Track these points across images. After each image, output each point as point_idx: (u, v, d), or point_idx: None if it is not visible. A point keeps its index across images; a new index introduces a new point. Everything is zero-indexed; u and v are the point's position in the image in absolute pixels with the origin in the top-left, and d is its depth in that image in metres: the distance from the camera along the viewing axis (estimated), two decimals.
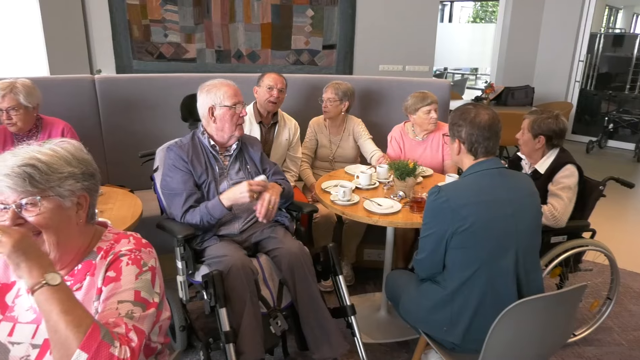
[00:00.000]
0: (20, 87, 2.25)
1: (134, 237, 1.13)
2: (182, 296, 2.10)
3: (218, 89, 2.06)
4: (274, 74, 2.75)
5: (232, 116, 2.06)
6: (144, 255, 1.08)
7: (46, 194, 0.99)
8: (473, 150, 1.69)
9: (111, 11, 4.69)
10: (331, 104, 2.88)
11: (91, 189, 1.08)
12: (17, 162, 0.97)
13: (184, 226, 1.99)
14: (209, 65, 5.07)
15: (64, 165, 1.02)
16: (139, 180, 2.76)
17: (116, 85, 2.95)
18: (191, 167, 2.05)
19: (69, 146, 1.07)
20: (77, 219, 1.05)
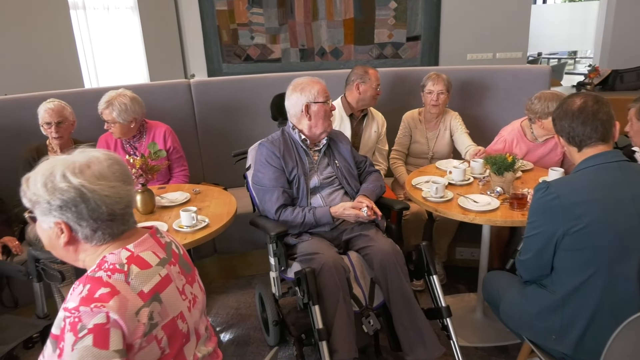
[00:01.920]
0: (117, 105, 2.43)
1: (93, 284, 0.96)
2: (275, 292, 2.15)
3: (312, 86, 2.11)
4: (375, 71, 2.76)
5: (325, 112, 2.11)
6: (83, 317, 0.91)
7: (31, 209, 1.03)
8: (573, 141, 1.55)
9: (202, 18, 4.95)
10: (443, 96, 2.75)
11: (73, 218, 0.99)
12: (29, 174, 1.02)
13: (277, 224, 2.03)
14: (293, 65, 5.16)
15: (40, 191, 0.98)
16: (232, 179, 2.87)
17: (209, 88, 3.09)
18: (283, 162, 2.10)
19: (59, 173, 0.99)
20: (58, 240, 1.02)
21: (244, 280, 2.92)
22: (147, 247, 1.07)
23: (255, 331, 2.46)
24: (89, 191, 0.99)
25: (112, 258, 1.01)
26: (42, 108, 2.45)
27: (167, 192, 2.31)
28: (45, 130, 2.45)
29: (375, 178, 2.29)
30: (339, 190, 2.19)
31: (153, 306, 1.00)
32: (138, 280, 0.99)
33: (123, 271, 0.99)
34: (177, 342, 1.05)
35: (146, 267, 1.03)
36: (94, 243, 1.04)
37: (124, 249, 1.04)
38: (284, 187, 2.09)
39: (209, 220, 1.97)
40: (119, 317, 0.93)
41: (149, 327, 0.98)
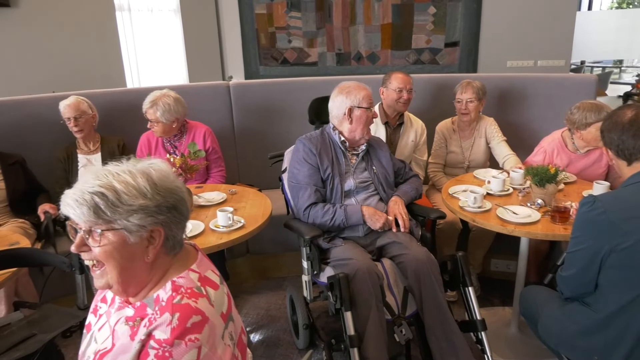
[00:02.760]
0: (161, 105, 2.50)
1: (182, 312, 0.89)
2: (307, 295, 2.15)
3: (358, 91, 2.13)
4: (401, 74, 2.70)
5: (367, 118, 2.12)
6: (175, 352, 0.86)
7: (111, 226, 0.91)
8: (622, 154, 1.50)
9: (241, 21, 5.03)
10: (472, 105, 2.69)
11: (169, 222, 0.95)
12: (90, 186, 0.91)
13: (311, 227, 2.03)
14: (329, 68, 5.18)
15: (137, 196, 0.91)
16: (266, 180, 2.90)
17: (247, 90, 3.13)
18: (319, 159, 2.11)
19: (154, 172, 0.95)
20: (145, 255, 0.94)
21: (275, 281, 2.93)
22: (207, 267, 1.04)
23: (284, 333, 2.46)
24: (184, 192, 0.98)
25: (184, 282, 0.95)
26: (61, 105, 2.56)
27: (204, 191, 2.35)
28: (68, 125, 2.56)
29: (413, 181, 2.30)
30: (374, 196, 2.18)
31: (230, 326, 0.98)
32: (218, 303, 0.96)
33: (204, 295, 0.94)
34: (244, 357, 1.05)
35: (216, 288, 0.99)
36: (172, 254, 0.99)
37: (191, 271, 0.98)
38: (318, 185, 2.11)
39: (244, 221, 1.99)
40: (209, 348, 0.89)
41: (232, 347, 0.96)
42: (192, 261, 1.01)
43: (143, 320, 0.93)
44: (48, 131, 2.73)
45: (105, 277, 0.95)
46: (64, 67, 4.07)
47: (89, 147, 2.63)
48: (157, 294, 0.95)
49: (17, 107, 2.76)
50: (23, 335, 1.60)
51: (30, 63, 3.93)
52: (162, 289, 0.95)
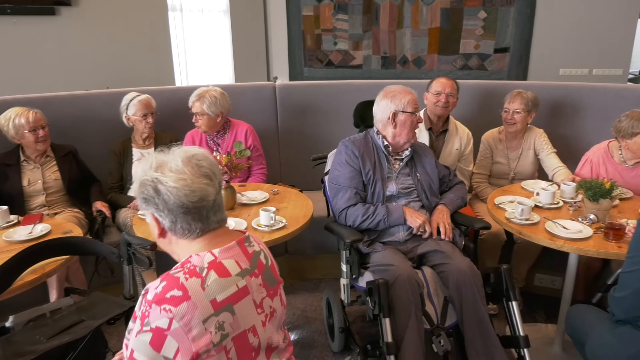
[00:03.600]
0: (207, 97, 2.57)
1: (168, 282, 0.98)
2: (344, 299, 2.14)
3: (403, 96, 2.11)
4: (443, 78, 2.66)
5: (411, 122, 2.10)
6: (152, 314, 0.95)
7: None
8: None
9: (288, 23, 5.08)
10: (519, 116, 2.61)
11: (155, 211, 1.07)
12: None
13: (352, 231, 2.02)
14: (374, 72, 5.15)
15: (135, 186, 1.10)
16: (307, 181, 2.91)
17: (293, 91, 3.16)
18: (361, 162, 2.11)
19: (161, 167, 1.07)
20: (154, 233, 1.11)
21: (312, 283, 2.94)
22: (231, 255, 1.07)
23: (319, 335, 2.46)
24: (161, 183, 1.04)
25: (196, 260, 1.03)
26: (134, 101, 2.64)
27: (247, 190, 2.39)
28: (139, 121, 2.64)
29: (459, 189, 2.26)
30: (416, 202, 2.15)
31: (224, 316, 1.00)
32: (213, 288, 1.00)
33: (201, 276, 1.00)
34: (245, 355, 1.05)
35: (225, 276, 1.03)
36: (180, 236, 1.08)
37: (209, 253, 1.05)
38: (358, 188, 2.10)
39: (286, 222, 2.01)
40: (182, 324, 0.95)
41: (219, 337, 0.98)
42: (221, 245, 1.07)
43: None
44: (102, 125, 2.84)
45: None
46: (117, 64, 4.24)
47: (144, 142, 2.72)
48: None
49: (74, 101, 2.88)
50: (72, 320, 1.67)
51: (86, 60, 4.12)
52: (183, 259, 1.06)
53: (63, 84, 3.92)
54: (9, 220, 2.07)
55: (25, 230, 1.96)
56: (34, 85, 3.77)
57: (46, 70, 3.96)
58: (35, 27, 3.88)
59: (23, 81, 3.82)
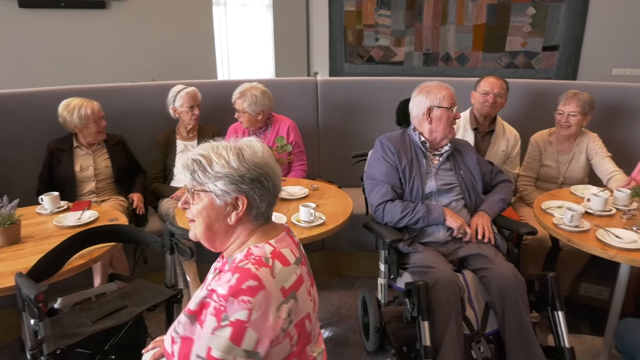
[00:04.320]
0: (249, 96, 2.59)
1: (241, 274, 0.98)
2: (381, 299, 2.12)
3: (438, 90, 2.08)
4: (492, 78, 2.58)
5: (447, 118, 2.06)
6: (229, 307, 0.95)
7: (202, 187, 1.07)
8: None
9: (330, 18, 5.06)
10: (574, 119, 2.50)
11: (252, 193, 1.06)
12: (192, 154, 1.09)
13: (392, 230, 2.00)
14: (415, 68, 5.07)
15: (224, 166, 1.05)
16: (346, 178, 2.89)
17: (335, 87, 3.14)
18: (397, 158, 2.08)
19: (245, 147, 1.09)
20: (227, 217, 1.07)
21: (347, 280, 2.93)
22: (286, 244, 1.10)
23: (354, 333, 2.45)
24: (271, 169, 1.08)
25: (257, 251, 1.04)
26: (181, 93, 2.69)
27: (286, 185, 2.39)
28: (186, 113, 2.69)
29: (502, 189, 2.19)
30: (459, 201, 2.10)
31: (291, 303, 1.02)
32: (281, 276, 1.02)
33: (268, 265, 1.01)
34: (302, 341, 1.07)
35: (286, 264, 1.05)
36: (256, 223, 1.10)
37: (267, 244, 1.07)
38: (394, 184, 2.07)
39: (325, 218, 2.00)
40: (260, 314, 0.96)
41: (287, 324, 1.01)
42: (273, 236, 1.10)
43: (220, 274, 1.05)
44: (147, 116, 2.91)
45: (193, 230, 1.13)
46: (162, 58, 4.33)
47: (187, 134, 2.77)
48: (237, 255, 1.06)
49: (122, 93, 2.96)
50: (116, 305, 1.73)
51: (132, 52, 4.23)
52: (241, 252, 1.06)
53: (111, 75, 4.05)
54: (59, 205, 2.15)
55: (74, 216, 2.04)
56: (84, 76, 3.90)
57: (95, 62, 4.10)
58: (86, 20, 4.01)
59: (74, 72, 3.96)
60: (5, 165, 2.54)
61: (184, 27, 4.43)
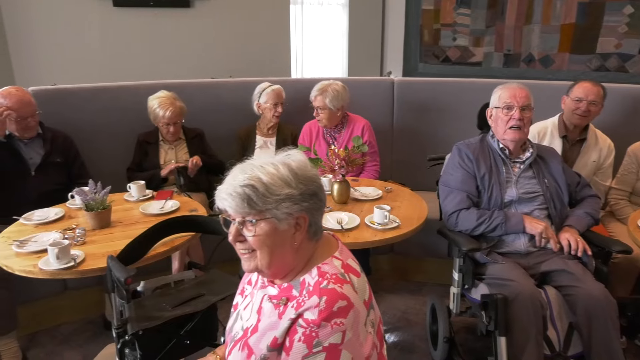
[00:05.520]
0: (330, 92, 2.60)
1: (329, 296, 0.93)
2: (453, 308, 2.05)
3: (503, 91, 2.02)
4: (588, 83, 2.39)
5: (502, 118, 1.98)
6: (321, 333, 0.90)
7: (263, 215, 0.96)
8: None
9: (407, 17, 4.95)
10: None
11: (311, 209, 0.99)
12: (241, 180, 0.97)
13: (469, 239, 1.92)
14: (494, 70, 4.84)
15: (283, 186, 0.96)
16: (419, 181, 2.82)
17: (411, 87, 3.08)
18: (476, 166, 2.01)
19: (293, 163, 1.00)
20: (293, 240, 0.99)
21: (415, 285, 2.86)
22: (347, 254, 1.06)
23: (420, 340, 2.39)
24: (319, 181, 1.03)
25: (329, 268, 0.99)
26: (267, 90, 2.76)
27: (360, 185, 2.37)
28: (269, 110, 2.75)
29: (589, 204, 2.04)
30: (542, 210, 1.98)
31: (372, 314, 0.99)
32: (360, 290, 0.98)
33: (348, 281, 0.97)
34: (381, 346, 1.04)
35: (358, 275, 1.01)
36: (315, 239, 1.04)
37: (334, 258, 1.02)
38: (470, 192, 1.99)
39: (399, 221, 1.96)
40: (353, 334, 0.92)
41: (373, 334, 0.98)
42: (334, 249, 1.05)
43: (290, 301, 0.99)
44: (226, 111, 3.01)
45: (254, 261, 1.01)
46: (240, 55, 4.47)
47: (267, 131, 2.84)
48: (303, 277, 1.00)
49: (203, 88, 3.08)
50: (194, 293, 1.80)
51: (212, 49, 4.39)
52: (308, 273, 1.00)
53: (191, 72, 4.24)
54: (144, 194, 2.28)
55: (158, 205, 2.15)
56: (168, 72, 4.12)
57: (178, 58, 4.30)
58: (171, 19, 4.22)
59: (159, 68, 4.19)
60: (99, 152, 2.72)
61: (262, 25, 4.53)
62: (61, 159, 2.42)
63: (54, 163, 2.39)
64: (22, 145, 2.35)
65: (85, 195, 1.94)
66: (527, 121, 1.97)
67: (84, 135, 2.65)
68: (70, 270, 1.65)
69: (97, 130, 2.77)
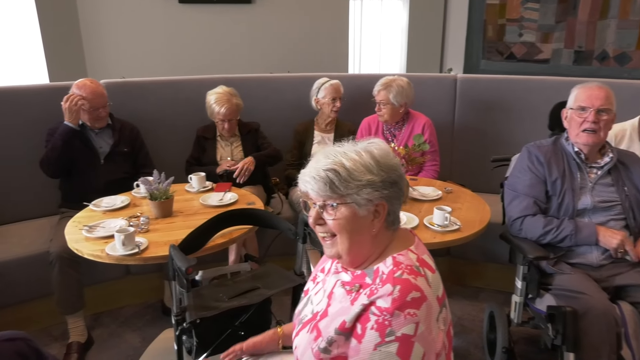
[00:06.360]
0: (394, 87, 2.55)
1: (403, 285, 0.92)
2: (514, 317, 1.95)
3: (577, 90, 1.90)
4: None
5: (576, 120, 1.85)
6: (394, 322, 0.90)
7: (343, 200, 0.98)
8: None
9: (470, 11, 4.78)
10: None
11: (391, 197, 1.00)
12: (324, 165, 0.99)
13: (536, 246, 1.81)
14: (562, 67, 4.58)
15: (365, 172, 0.98)
16: (479, 183, 2.71)
17: (475, 85, 2.96)
18: (547, 170, 1.89)
19: (375, 151, 1.02)
20: (371, 227, 1.01)
21: (471, 290, 2.76)
22: (424, 250, 1.06)
23: (475, 348, 2.30)
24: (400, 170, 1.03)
25: (404, 259, 0.99)
26: (325, 85, 2.75)
27: (418, 184, 2.31)
28: (327, 105, 2.74)
29: None
30: (619, 220, 1.83)
31: (444, 312, 0.98)
32: (434, 285, 0.97)
33: (422, 274, 0.96)
34: (450, 350, 1.02)
35: (433, 272, 1.00)
36: (392, 229, 1.04)
37: (410, 251, 1.02)
38: (538, 198, 1.88)
39: (460, 224, 1.89)
40: (425, 327, 0.91)
41: (443, 334, 0.96)
42: (410, 243, 1.05)
43: (363, 288, 0.99)
44: (284, 106, 3.03)
45: (335, 247, 1.04)
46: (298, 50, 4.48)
47: (325, 127, 2.84)
48: (377, 266, 1.01)
49: (262, 83, 3.12)
50: (249, 285, 1.81)
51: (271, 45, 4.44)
52: (382, 262, 1.00)
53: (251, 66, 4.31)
54: (204, 185, 2.33)
55: (217, 197, 2.19)
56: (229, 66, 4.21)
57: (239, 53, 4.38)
58: (233, 15, 4.31)
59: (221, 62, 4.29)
60: (160, 143, 2.81)
61: (321, 21, 4.52)
62: (128, 148, 2.52)
63: (121, 152, 2.49)
64: (93, 134, 2.46)
65: (149, 185, 2.01)
66: (604, 124, 1.83)
67: (147, 126, 2.73)
68: (134, 256, 1.72)
69: (160, 122, 2.86)
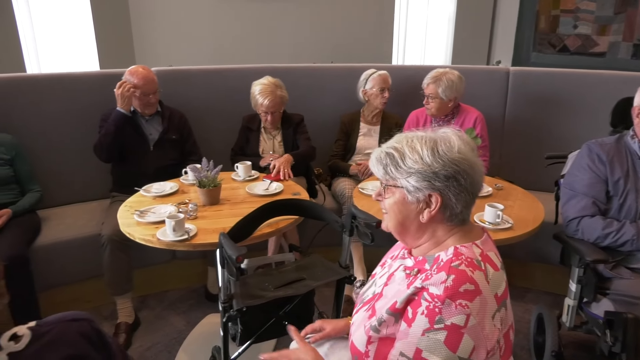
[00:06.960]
0: (444, 81, 2.49)
1: (458, 276, 0.92)
2: (566, 321, 1.88)
3: None
4: None
5: None
6: (444, 310, 0.90)
7: (395, 182, 1.03)
8: None
9: (521, 2, 4.60)
10: None
11: (446, 191, 0.99)
12: (386, 147, 1.05)
13: (595, 248, 1.73)
14: (619, 61, 4.35)
15: (417, 161, 0.99)
16: (529, 180, 2.63)
17: (529, 78, 2.85)
18: (609, 169, 1.80)
19: (441, 143, 1.01)
20: (419, 215, 1.02)
21: (517, 291, 2.67)
22: (491, 248, 1.03)
23: (522, 350, 2.23)
24: (471, 166, 0.99)
25: (466, 252, 0.98)
26: (373, 75, 2.71)
27: None
28: (375, 96, 2.70)
29: None
30: None
31: (502, 312, 0.95)
32: (494, 282, 0.95)
33: (482, 269, 0.94)
34: (507, 354, 0.99)
35: (496, 269, 0.97)
36: (450, 223, 1.03)
37: (474, 245, 0.99)
38: (597, 198, 1.80)
39: (512, 222, 1.82)
40: (478, 322, 0.90)
41: (499, 333, 0.93)
42: (477, 238, 1.03)
43: (420, 273, 1.00)
44: (328, 96, 3.01)
45: (385, 221, 1.11)
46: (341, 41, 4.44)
47: (371, 119, 2.80)
48: (439, 254, 1.01)
49: (307, 73, 3.09)
50: (295, 276, 1.81)
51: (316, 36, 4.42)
52: (444, 251, 1.00)
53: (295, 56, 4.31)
54: (250, 174, 2.35)
55: (263, 186, 2.20)
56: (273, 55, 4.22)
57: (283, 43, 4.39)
58: (277, 5, 4.30)
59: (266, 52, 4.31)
60: (206, 131, 2.84)
61: (367, 12, 4.47)
62: (176, 135, 2.57)
63: (170, 140, 2.54)
64: (143, 121, 2.52)
65: (198, 172, 2.03)
66: None
67: (194, 113, 2.76)
68: (184, 242, 1.75)
69: (206, 110, 2.89)
